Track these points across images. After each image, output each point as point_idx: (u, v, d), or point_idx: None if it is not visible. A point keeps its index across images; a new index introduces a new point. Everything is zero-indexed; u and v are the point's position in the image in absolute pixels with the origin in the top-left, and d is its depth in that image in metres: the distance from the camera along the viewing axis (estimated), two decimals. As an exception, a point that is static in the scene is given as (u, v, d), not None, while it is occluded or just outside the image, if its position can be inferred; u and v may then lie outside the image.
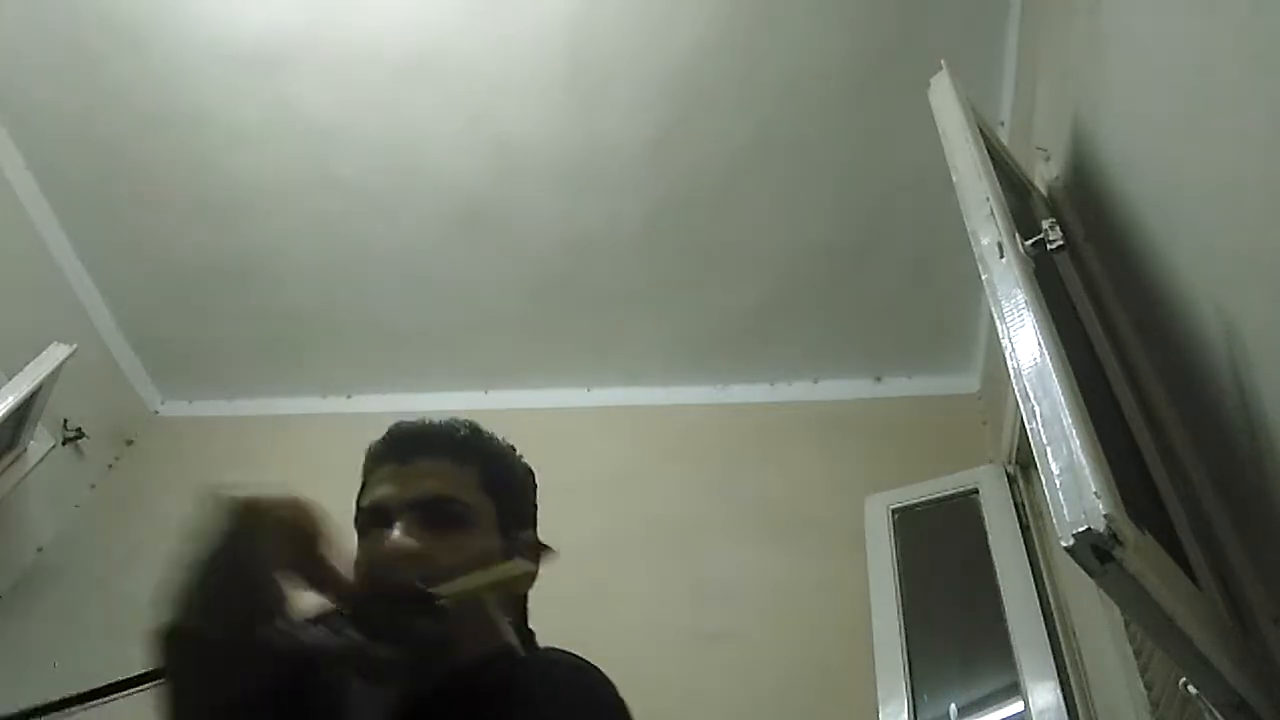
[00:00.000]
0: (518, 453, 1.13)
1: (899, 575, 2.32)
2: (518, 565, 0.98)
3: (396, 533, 0.95)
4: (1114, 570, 0.82)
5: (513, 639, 0.90)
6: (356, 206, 3.05)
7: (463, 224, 3.03)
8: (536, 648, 1.05)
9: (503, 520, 1.03)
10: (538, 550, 1.08)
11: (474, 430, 1.09)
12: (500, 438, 1.13)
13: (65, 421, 3.20)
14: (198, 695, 0.71)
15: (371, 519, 0.99)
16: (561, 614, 2.84)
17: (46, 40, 2.89)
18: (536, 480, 1.14)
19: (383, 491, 1.01)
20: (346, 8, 2.69)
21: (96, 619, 2.73)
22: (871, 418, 2.98)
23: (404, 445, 1.05)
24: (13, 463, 2.91)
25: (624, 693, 0.97)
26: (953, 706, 2.01)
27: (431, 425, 1.07)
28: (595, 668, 0.96)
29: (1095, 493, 0.84)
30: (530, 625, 1.09)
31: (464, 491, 1.01)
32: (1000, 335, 1.11)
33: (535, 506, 1.13)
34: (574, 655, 1.00)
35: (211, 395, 3.57)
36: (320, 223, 3.10)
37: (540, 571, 1.08)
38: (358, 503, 1.05)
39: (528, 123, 2.81)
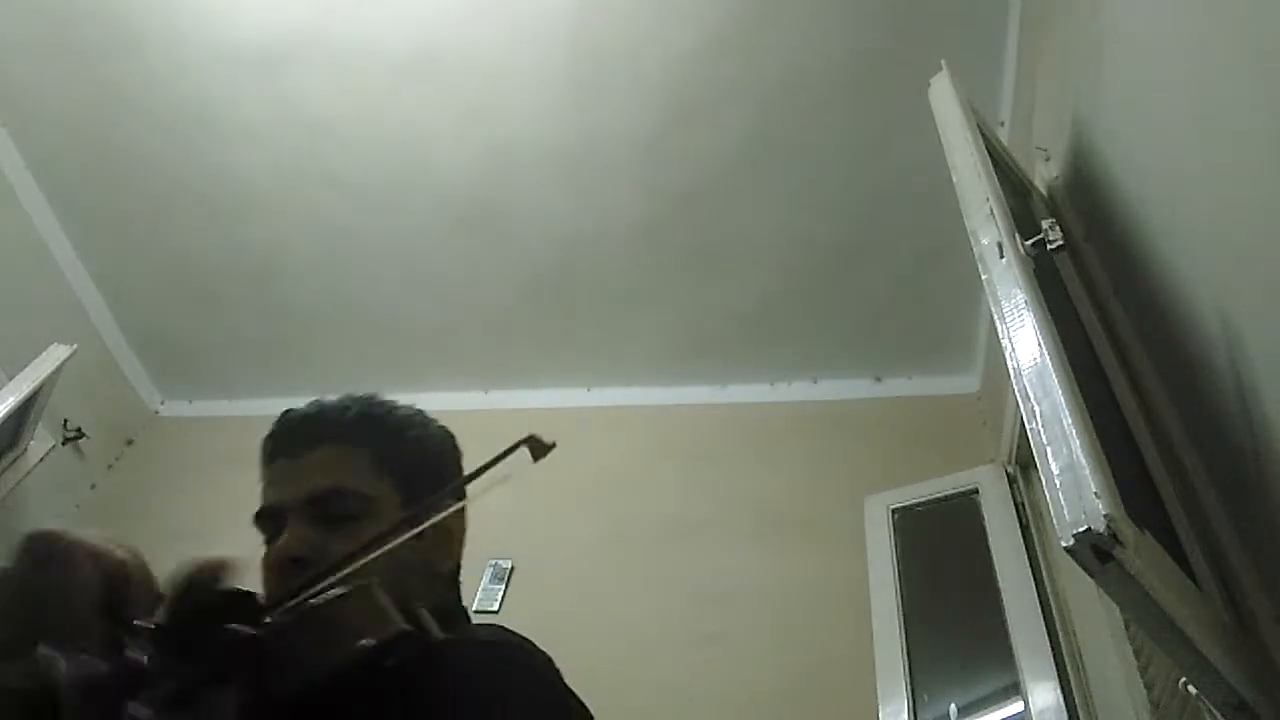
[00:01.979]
0: (427, 418, 1.03)
1: (899, 575, 2.32)
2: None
3: (285, 536, 0.89)
4: (1114, 570, 0.82)
5: (398, 624, 0.74)
6: (357, 205, 3.05)
7: (463, 223, 3.03)
8: (460, 625, 0.95)
9: (409, 500, 0.95)
10: (447, 525, 0.96)
11: (368, 406, 1.00)
12: (408, 406, 1.03)
13: (65, 421, 3.20)
14: None
15: (267, 523, 0.93)
16: (561, 613, 2.83)
17: (47, 40, 2.89)
18: (457, 445, 1.04)
19: (274, 493, 0.94)
20: (347, 5, 2.68)
21: (96, 619, 2.72)
22: (871, 418, 2.98)
23: (291, 437, 0.97)
24: (13, 463, 2.91)
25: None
26: (953, 706, 2.01)
27: (319, 409, 0.99)
28: (519, 644, 0.84)
29: (1095, 493, 0.83)
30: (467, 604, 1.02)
31: (358, 479, 0.93)
32: (1000, 335, 1.11)
33: (456, 472, 1.03)
34: (499, 631, 0.89)
35: (212, 395, 3.57)
36: (320, 221, 3.10)
37: (463, 537, 1.00)
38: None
39: (528, 121, 2.81)
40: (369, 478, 0.94)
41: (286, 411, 0.99)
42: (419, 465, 0.98)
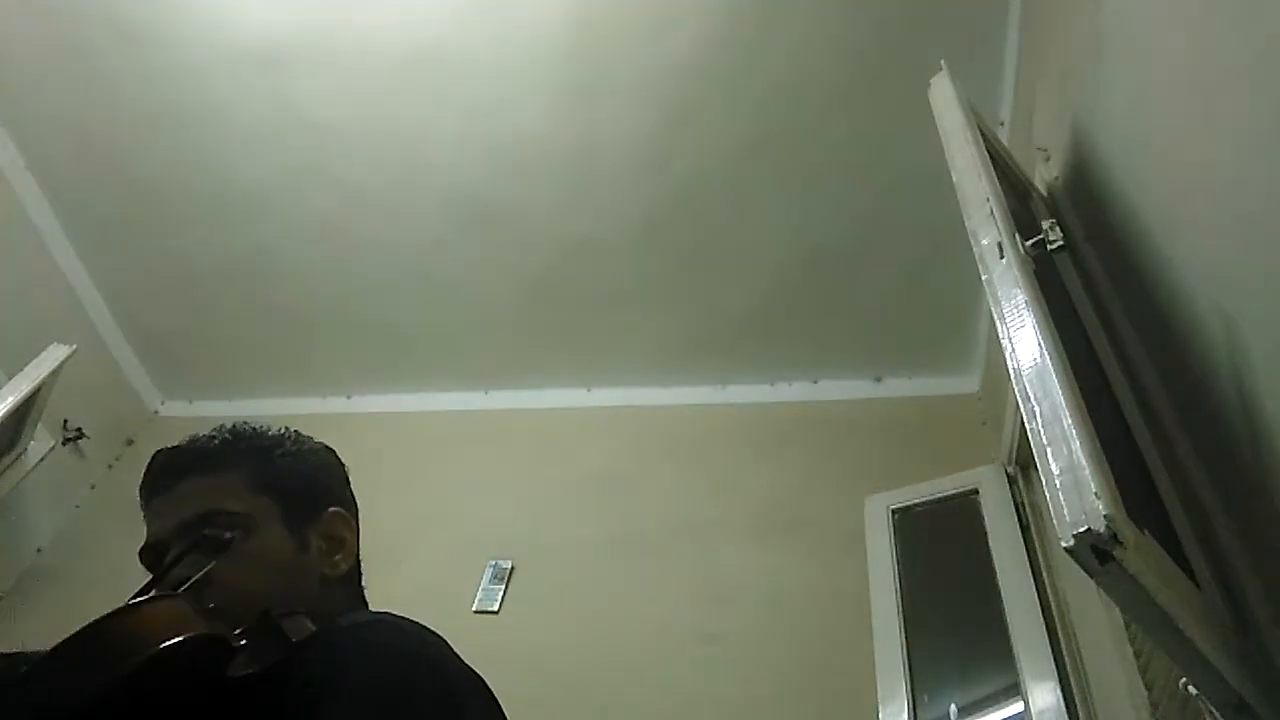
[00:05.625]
0: (301, 437, 1.07)
1: (899, 575, 2.32)
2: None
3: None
4: (1114, 570, 0.82)
5: (199, 629, 0.76)
6: (356, 205, 3.05)
7: (462, 223, 3.03)
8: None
9: (288, 513, 0.99)
10: (335, 533, 1.03)
11: (235, 432, 1.04)
12: (281, 428, 1.07)
13: (65, 421, 3.20)
14: None
15: (152, 560, 0.95)
16: (561, 613, 2.83)
17: (47, 40, 2.89)
18: (339, 457, 1.09)
19: (152, 529, 0.97)
20: (346, 6, 2.69)
21: (96, 619, 2.73)
22: (871, 418, 2.98)
23: (161, 474, 1.00)
24: (13, 463, 2.91)
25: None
26: (953, 706, 2.01)
27: (188, 442, 1.03)
28: (385, 623, 0.87)
29: (1095, 493, 0.83)
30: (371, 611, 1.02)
31: (231, 499, 0.96)
32: (1000, 335, 1.11)
33: (336, 484, 1.08)
34: (372, 615, 0.92)
35: (211, 395, 3.58)
36: (320, 222, 3.10)
37: (357, 543, 1.04)
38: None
39: (527, 122, 2.81)
40: (243, 496, 0.97)
41: (157, 451, 1.02)
42: (295, 479, 1.02)
